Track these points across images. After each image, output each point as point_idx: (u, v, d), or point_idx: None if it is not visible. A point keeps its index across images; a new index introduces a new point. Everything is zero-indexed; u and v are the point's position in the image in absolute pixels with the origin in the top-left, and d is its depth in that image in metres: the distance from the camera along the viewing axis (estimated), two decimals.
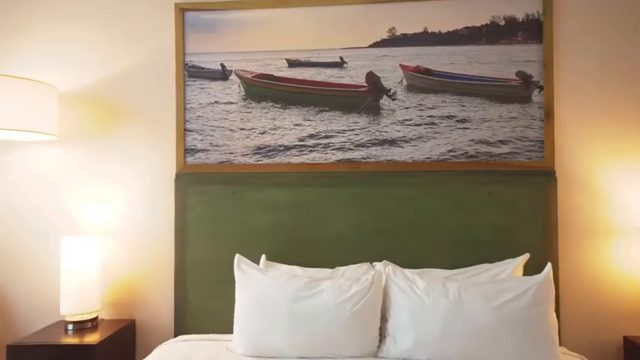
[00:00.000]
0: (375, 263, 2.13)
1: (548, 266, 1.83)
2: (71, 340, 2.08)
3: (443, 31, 2.27)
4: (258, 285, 1.90)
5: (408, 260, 2.15)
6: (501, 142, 2.23)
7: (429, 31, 2.27)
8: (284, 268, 2.13)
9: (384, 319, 1.87)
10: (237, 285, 1.95)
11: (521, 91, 2.23)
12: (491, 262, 2.10)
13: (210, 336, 2.12)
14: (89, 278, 2.24)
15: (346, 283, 1.86)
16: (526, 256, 2.04)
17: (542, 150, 2.20)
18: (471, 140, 2.24)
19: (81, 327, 2.22)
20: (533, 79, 2.22)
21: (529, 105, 2.22)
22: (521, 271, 2.03)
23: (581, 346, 2.15)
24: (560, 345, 2.08)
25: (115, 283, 2.41)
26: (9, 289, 2.45)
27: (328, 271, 2.11)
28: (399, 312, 1.83)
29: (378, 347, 1.84)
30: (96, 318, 2.29)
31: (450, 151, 2.24)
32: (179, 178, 2.35)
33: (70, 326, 2.21)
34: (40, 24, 2.47)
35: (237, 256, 2.01)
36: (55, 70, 2.44)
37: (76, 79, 2.45)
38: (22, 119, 2.12)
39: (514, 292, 1.76)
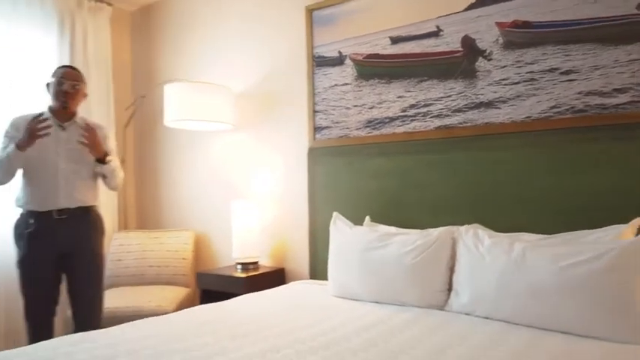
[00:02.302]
0: (466, 226, 2.14)
1: None
2: (234, 273, 2.82)
3: None
4: (344, 237, 2.21)
5: (505, 225, 2.08)
6: (618, 90, 1.90)
7: None
8: (383, 228, 2.36)
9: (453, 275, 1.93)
10: (330, 237, 2.31)
11: None
12: None
13: (322, 282, 2.54)
14: (250, 232, 2.95)
15: (412, 238, 1.99)
16: (637, 221, 1.73)
17: None
18: (579, 93, 1.98)
19: (245, 268, 2.94)
20: None
21: None
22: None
23: None
24: None
25: (273, 240, 3.07)
26: (209, 237, 3.40)
27: (417, 231, 2.24)
28: (461, 267, 1.87)
29: (446, 301, 1.92)
30: (256, 262, 2.99)
31: (552, 107, 2.04)
32: (310, 152, 2.83)
33: (239, 266, 2.96)
34: (219, 43, 3.32)
35: (334, 213, 2.36)
36: (231, 75, 3.25)
37: (242, 81, 3.21)
38: (214, 113, 2.98)
39: (589, 254, 1.59)
